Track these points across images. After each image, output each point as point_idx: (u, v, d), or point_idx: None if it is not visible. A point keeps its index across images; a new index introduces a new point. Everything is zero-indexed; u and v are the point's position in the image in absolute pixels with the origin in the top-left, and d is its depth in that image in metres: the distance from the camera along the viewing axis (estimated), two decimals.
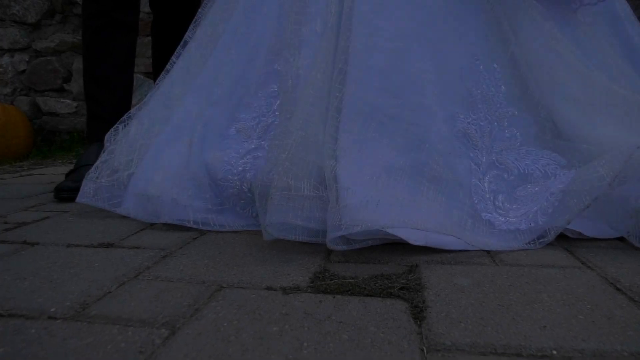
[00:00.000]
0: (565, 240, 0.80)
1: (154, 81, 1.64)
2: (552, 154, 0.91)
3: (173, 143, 1.04)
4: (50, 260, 0.74)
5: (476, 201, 0.82)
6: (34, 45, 2.84)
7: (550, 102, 0.94)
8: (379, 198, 0.71)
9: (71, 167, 2.11)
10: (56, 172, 1.89)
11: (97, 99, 1.44)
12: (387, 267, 0.70)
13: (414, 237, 0.73)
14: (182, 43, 1.35)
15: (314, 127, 0.82)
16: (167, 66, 1.34)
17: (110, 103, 1.43)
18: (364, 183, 0.76)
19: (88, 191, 1.00)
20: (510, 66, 0.97)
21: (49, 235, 0.89)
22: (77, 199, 1.01)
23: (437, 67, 0.91)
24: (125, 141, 1.08)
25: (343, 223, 0.70)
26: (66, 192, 1.21)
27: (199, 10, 1.35)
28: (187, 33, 1.34)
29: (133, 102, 2.92)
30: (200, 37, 1.19)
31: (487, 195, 0.84)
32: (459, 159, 0.85)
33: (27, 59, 2.86)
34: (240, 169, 0.93)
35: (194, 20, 1.35)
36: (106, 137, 1.22)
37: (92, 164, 1.33)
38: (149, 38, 1.89)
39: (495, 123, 0.93)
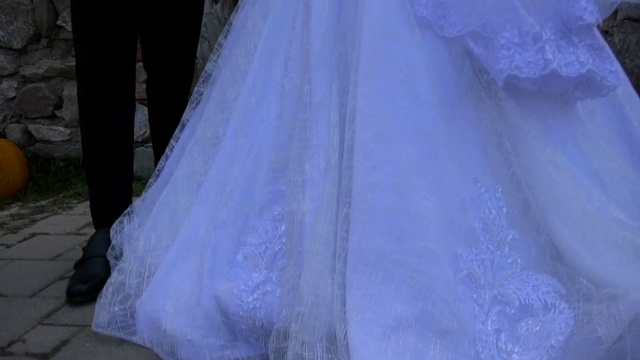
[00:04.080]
0: None
1: (155, 157, 1.61)
2: (552, 279, 0.94)
3: (182, 264, 1.06)
4: None
5: (480, 350, 0.85)
6: (22, 71, 2.78)
7: (551, 225, 0.96)
8: None
9: (71, 213, 2.13)
10: (60, 229, 1.90)
11: (99, 181, 1.44)
12: None
13: None
14: (180, 125, 1.34)
15: (323, 284, 0.85)
16: (167, 150, 1.34)
17: (112, 185, 1.44)
18: (375, 350, 0.79)
19: (102, 321, 1.04)
20: (511, 186, 0.99)
21: None
22: (93, 327, 1.04)
23: (440, 203, 0.92)
24: (134, 258, 1.10)
25: None
26: (79, 297, 1.24)
27: (195, 88, 1.34)
28: (185, 115, 1.33)
29: None
30: (201, 139, 1.18)
31: (491, 339, 0.87)
32: (463, 304, 0.88)
33: (15, 86, 2.80)
34: (250, 306, 0.95)
35: (190, 100, 1.34)
36: (112, 232, 1.25)
37: (101, 256, 1.35)
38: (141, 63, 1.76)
39: (498, 252, 0.95)
